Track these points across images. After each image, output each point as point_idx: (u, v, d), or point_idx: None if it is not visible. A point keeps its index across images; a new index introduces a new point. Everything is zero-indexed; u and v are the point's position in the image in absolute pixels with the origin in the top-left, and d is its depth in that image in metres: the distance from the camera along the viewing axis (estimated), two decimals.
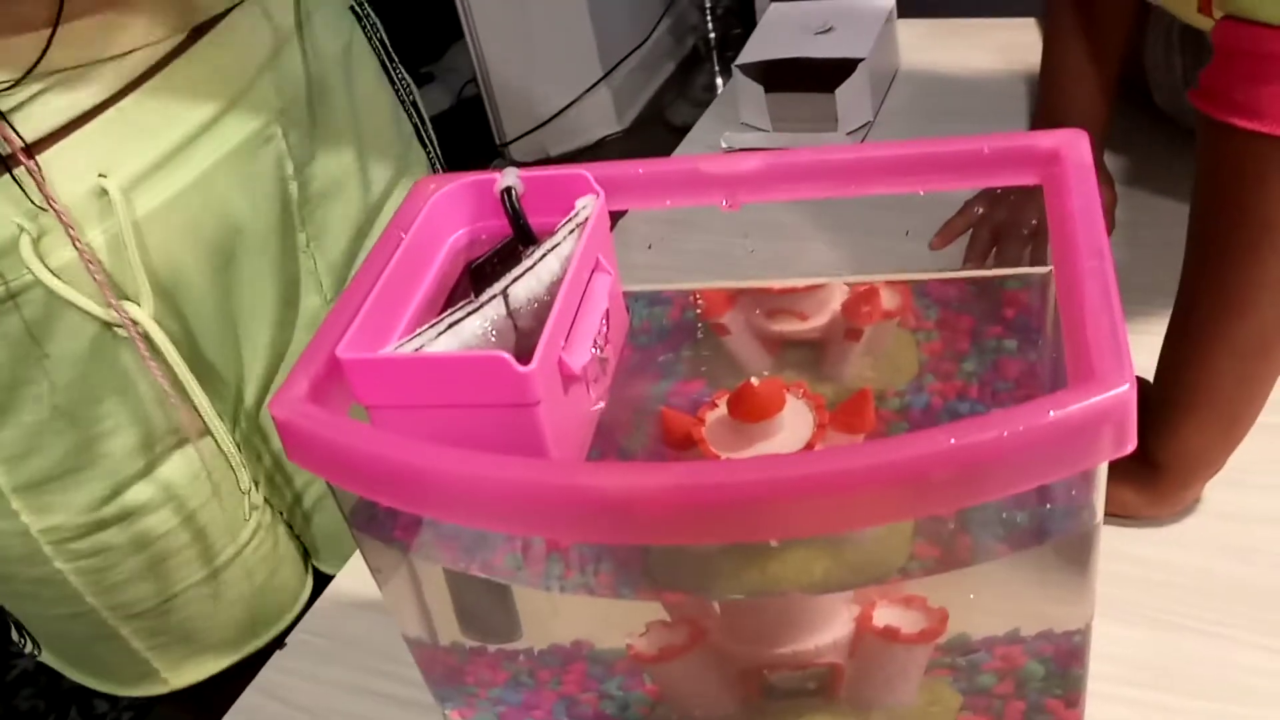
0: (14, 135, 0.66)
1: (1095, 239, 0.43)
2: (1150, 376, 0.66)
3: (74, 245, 0.69)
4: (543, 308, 0.47)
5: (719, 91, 2.92)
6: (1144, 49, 0.96)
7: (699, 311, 0.61)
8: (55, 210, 0.67)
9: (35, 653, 0.92)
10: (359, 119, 0.88)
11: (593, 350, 0.48)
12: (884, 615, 0.49)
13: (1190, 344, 0.63)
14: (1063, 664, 0.49)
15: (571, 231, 0.49)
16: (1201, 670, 0.60)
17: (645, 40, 2.95)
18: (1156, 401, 0.65)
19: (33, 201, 0.67)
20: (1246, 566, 0.65)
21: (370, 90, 0.90)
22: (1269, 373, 0.62)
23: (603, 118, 2.89)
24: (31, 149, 0.67)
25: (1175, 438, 0.64)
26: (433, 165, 0.99)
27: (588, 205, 0.51)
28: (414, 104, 0.96)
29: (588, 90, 2.80)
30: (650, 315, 0.62)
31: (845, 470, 0.37)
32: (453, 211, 0.53)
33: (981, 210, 0.89)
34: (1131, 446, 0.38)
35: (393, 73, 0.92)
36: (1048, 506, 0.43)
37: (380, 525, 0.48)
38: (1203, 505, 0.68)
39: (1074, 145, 0.49)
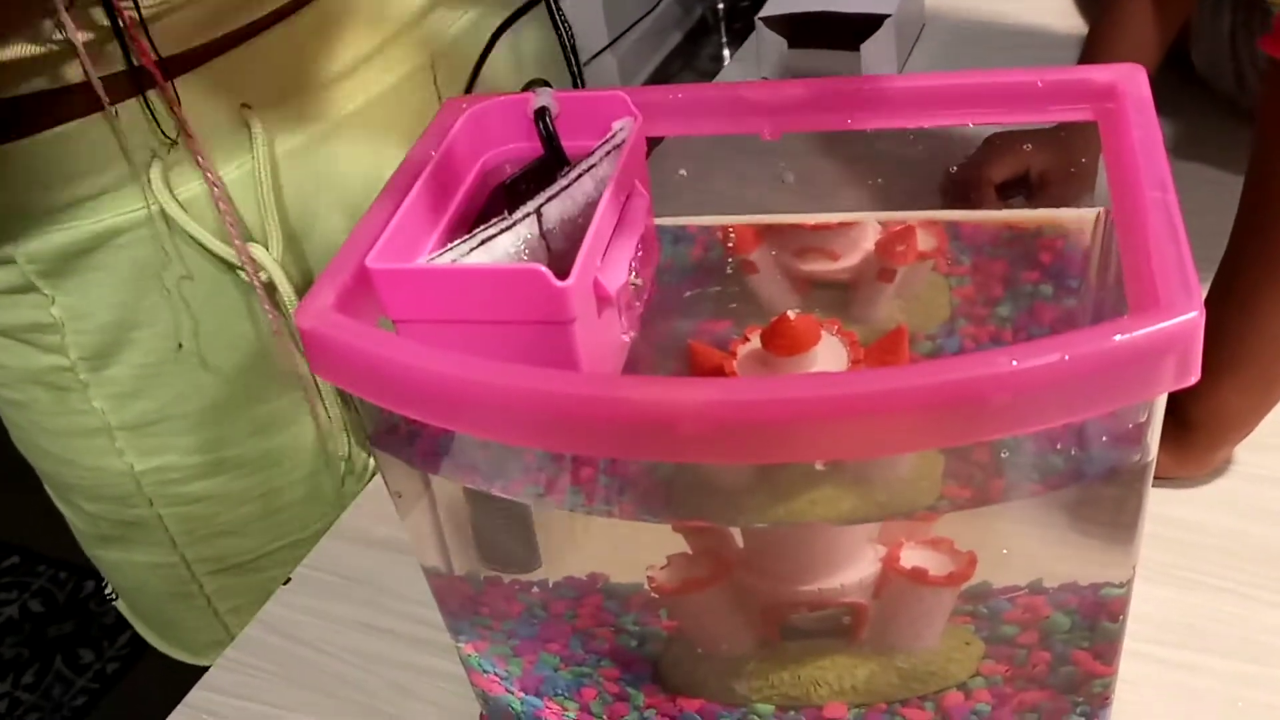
0: (150, 48, 0.62)
1: (1158, 171, 0.42)
2: None
3: (205, 178, 0.67)
4: (576, 229, 0.45)
5: (726, 63, 2.90)
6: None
7: (727, 248, 0.60)
8: (190, 138, 0.65)
9: (114, 597, 0.91)
10: (516, 68, 0.86)
11: (627, 274, 0.47)
12: (911, 556, 0.48)
13: (1235, 302, 0.62)
14: (1094, 616, 0.48)
15: (608, 153, 0.48)
16: (1228, 630, 0.60)
17: (652, 9, 2.92)
18: None
19: (163, 131, 0.65)
20: (1276, 529, 0.64)
21: (527, 40, 0.88)
22: None
23: (608, 87, 2.86)
24: (170, 68, 0.64)
25: (1212, 397, 0.63)
26: None
27: (625, 127, 0.49)
28: (572, 48, 0.93)
29: (593, 58, 2.78)
30: (675, 252, 0.60)
31: (895, 390, 0.35)
32: (484, 132, 0.52)
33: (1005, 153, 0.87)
34: (1195, 378, 0.37)
35: (556, 17, 0.89)
36: (1100, 439, 0.41)
37: (404, 446, 0.47)
38: (1233, 467, 0.67)
39: (1132, 79, 0.47)
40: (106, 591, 0.92)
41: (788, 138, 0.52)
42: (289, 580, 0.71)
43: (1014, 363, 0.35)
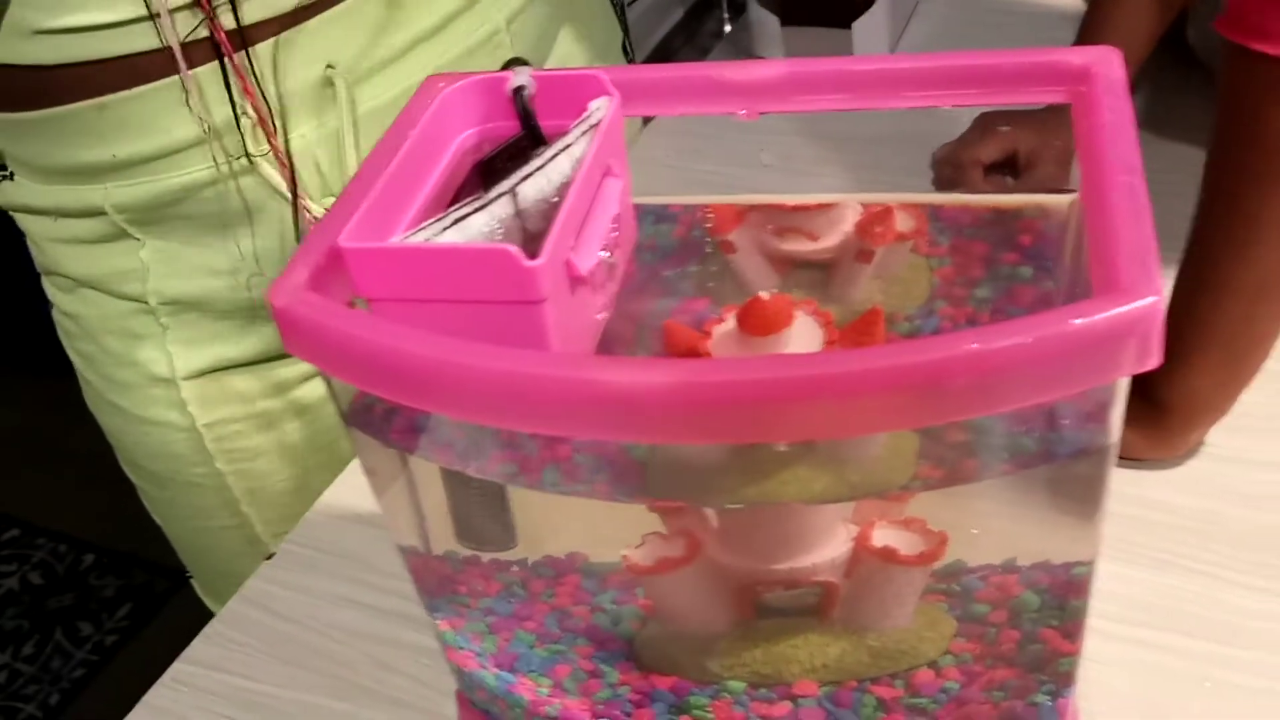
0: (233, 17, 0.66)
1: (1128, 155, 0.42)
2: None
3: (269, 144, 0.70)
4: (552, 209, 0.46)
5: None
6: None
7: (707, 227, 0.60)
8: (276, 97, 0.69)
9: (189, 575, 0.94)
10: (585, 31, 0.90)
11: (601, 254, 0.47)
12: (883, 536, 0.48)
13: (1201, 283, 0.62)
14: (1062, 595, 0.49)
15: (584, 133, 0.48)
16: (1198, 611, 0.60)
17: None
18: (1165, 342, 0.64)
19: (232, 100, 0.68)
20: (1248, 510, 0.64)
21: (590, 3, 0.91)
22: (1278, 315, 0.61)
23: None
24: (252, 34, 0.68)
25: (1181, 378, 0.63)
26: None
27: (602, 107, 0.49)
28: (622, 10, 0.97)
29: None
30: (656, 231, 0.61)
31: (860, 371, 0.35)
32: (462, 110, 0.52)
33: (993, 134, 0.87)
34: (1156, 361, 0.37)
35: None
36: (1064, 421, 0.42)
37: (378, 424, 0.47)
38: (1207, 449, 0.68)
39: (1106, 61, 0.47)
40: (188, 575, 0.94)
41: (780, 119, 0.52)
42: (272, 555, 0.71)
43: (974, 345, 0.35)
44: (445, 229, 0.44)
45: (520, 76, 0.50)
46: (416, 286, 0.43)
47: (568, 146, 0.47)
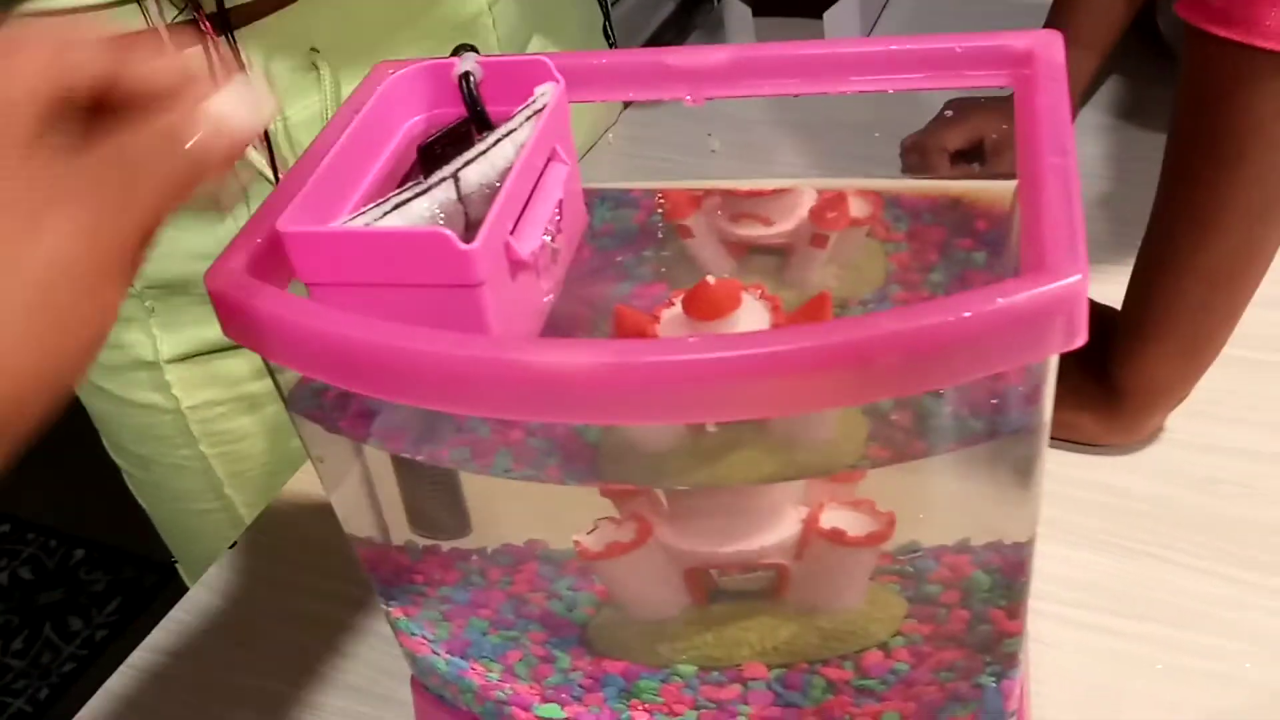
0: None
1: (1061, 137, 0.42)
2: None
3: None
4: (495, 195, 0.46)
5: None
6: None
7: (662, 213, 0.60)
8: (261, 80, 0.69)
9: (174, 561, 0.95)
10: (567, 15, 0.90)
11: (544, 238, 0.47)
12: (831, 518, 0.48)
13: (1158, 269, 0.62)
14: (1008, 575, 0.49)
15: (529, 118, 0.48)
16: (1155, 595, 0.60)
17: None
18: (1122, 327, 0.64)
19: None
20: (1206, 496, 0.64)
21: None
22: (1236, 301, 0.61)
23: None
24: (237, 17, 0.68)
25: (1139, 365, 0.63)
26: None
27: (546, 92, 0.50)
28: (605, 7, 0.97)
29: None
30: (615, 216, 0.61)
31: (783, 351, 0.36)
32: (409, 96, 0.52)
33: (961, 121, 0.87)
34: (1082, 340, 0.37)
35: None
36: (995, 401, 0.42)
37: (324, 409, 0.47)
38: (1165, 434, 0.68)
39: (1048, 45, 0.47)
40: (174, 561, 0.95)
41: (749, 105, 0.52)
42: (235, 545, 0.71)
43: (899, 324, 0.35)
44: (386, 213, 0.44)
45: (466, 62, 0.51)
46: (355, 271, 0.43)
47: (511, 132, 0.47)
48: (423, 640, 0.55)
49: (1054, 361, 0.40)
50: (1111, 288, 0.64)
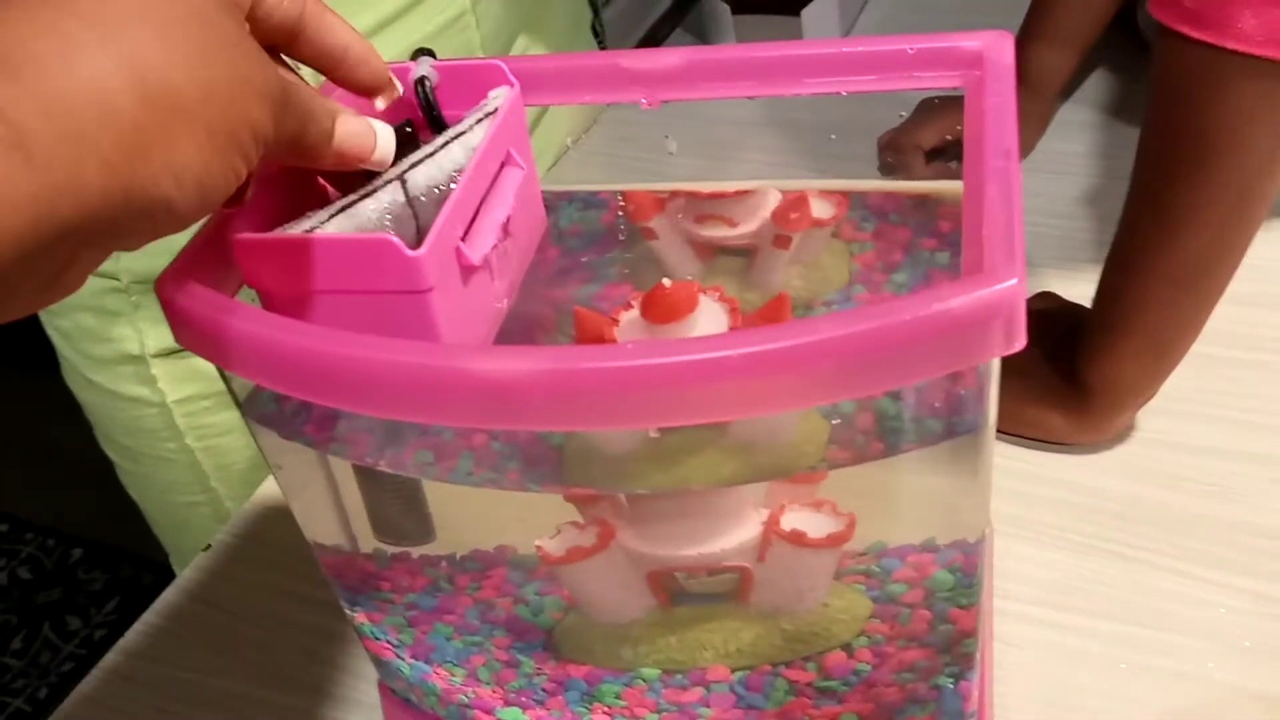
0: None
1: (1005, 140, 0.42)
2: None
3: None
4: (444, 197, 0.46)
5: None
6: None
7: (627, 215, 0.60)
8: None
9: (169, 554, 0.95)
10: (553, 12, 0.90)
11: (496, 243, 0.47)
12: (792, 519, 0.48)
13: (1127, 268, 0.62)
14: (965, 574, 0.49)
15: (480, 120, 0.48)
16: (1120, 594, 0.60)
17: None
18: (1091, 326, 0.64)
19: None
20: (1173, 494, 0.64)
21: None
22: (1204, 301, 0.61)
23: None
24: None
25: (1107, 364, 0.63)
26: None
27: (500, 96, 0.50)
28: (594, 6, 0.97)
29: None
30: (582, 217, 0.61)
31: (723, 358, 0.36)
32: (365, 100, 0.52)
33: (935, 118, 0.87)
34: (1021, 344, 0.37)
35: None
36: (944, 403, 0.42)
37: (278, 416, 0.48)
38: (1133, 432, 0.68)
39: (997, 47, 0.47)
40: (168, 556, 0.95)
41: (723, 106, 0.52)
42: (209, 547, 0.72)
43: (832, 330, 0.35)
44: (331, 217, 0.44)
45: (422, 67, 0.51)
46: (304, 277, 0.43)
47: (461, 134, 0.47)
48: (387, 645, 0.55)
49: (996, 364, 0.40)
50: (1093, 286, 0.64)
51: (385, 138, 0.44)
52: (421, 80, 0.50)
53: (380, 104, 0.47)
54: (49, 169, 0.28)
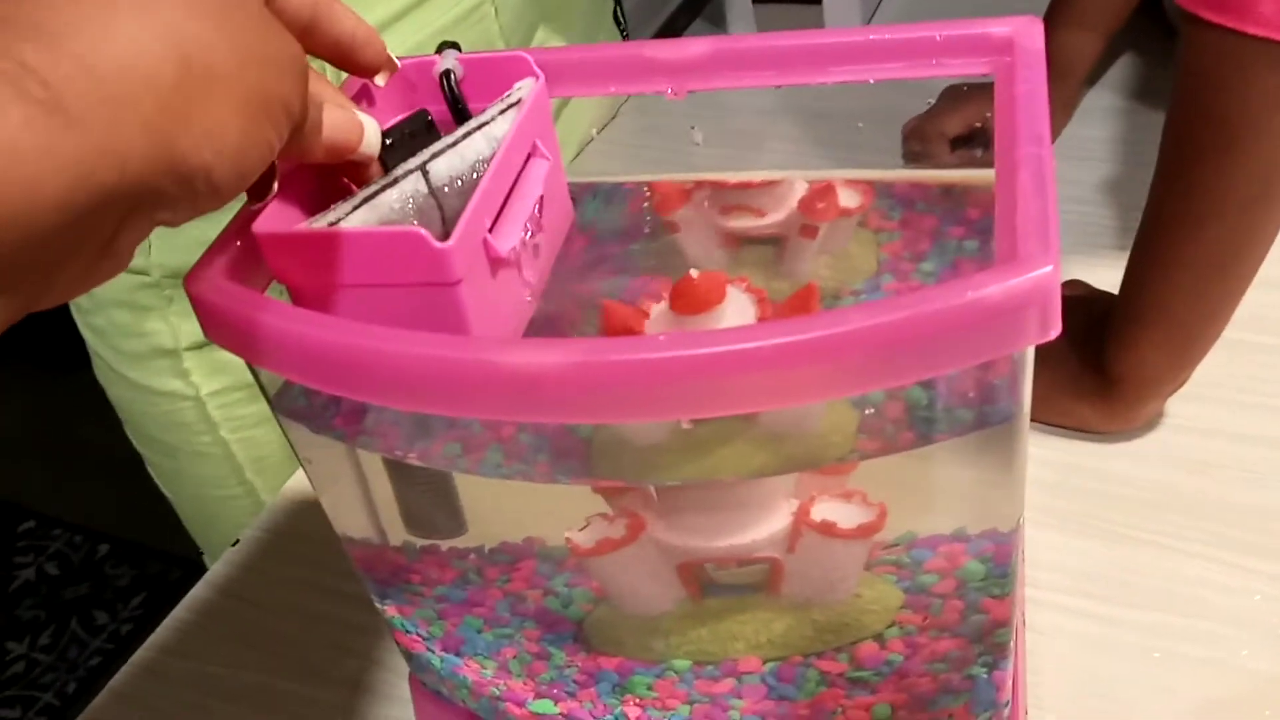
0: None
1: (1037, 126, 0.42)
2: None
3: None
4: (469, 188, 0.45)
5: None
6: None
7: (653, 206, 0.60)
8: None
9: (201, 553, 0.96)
10: (574, 2, 0.90)
11: (524, 235, 0.47)
12: (822, 510, 0.48)
13: (1153, 258, 0.62)
14: (999, 564, 0.49)
15: (503, 111, 0.48)
16: (1152, 582, 0.60)
17: None
18: (1118, 315, 0.64)
19: None
20: (1204, 480, 0.64)
21: None
22: (1231, 290, 0.60)
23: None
24: None
25: (1135, 353, 0.63)
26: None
27: (524, 87, 0.49)
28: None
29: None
30: (606, 210, 0.61)
31: (754, 349, 0.35)
32: (390, 94, 0.52)
33: (960, 106, 0.86)
34: (1056, 331, 0.37)
35: None
36: (977, 391, 0.41)
37: (309, 410, 0.48)
38: (1164, 419, 0.67)
39: (1028, 32, 0.47)
40: (200, 554, 0.96)
41: (747, 95, 0.52)
42: (237, 542, 0.72)
43: (864, 320, 0.35)
44: (355, 208, 0.44)
45: (447, 60, 0.50)
46: (332, 271, 0.43)
47: (483, 124, 0.47)
48: (417, 638, 0.55)
49: (1030, 352, 0.39)
50: (1118, 274, 0.64)
51: (371, 129, 0.44)
52: (447, 73, 0.50)
53: (380, 81, 0.47)
54: (89, 132, 0.28)
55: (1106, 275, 0.69)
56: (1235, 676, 0.55)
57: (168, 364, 0.81)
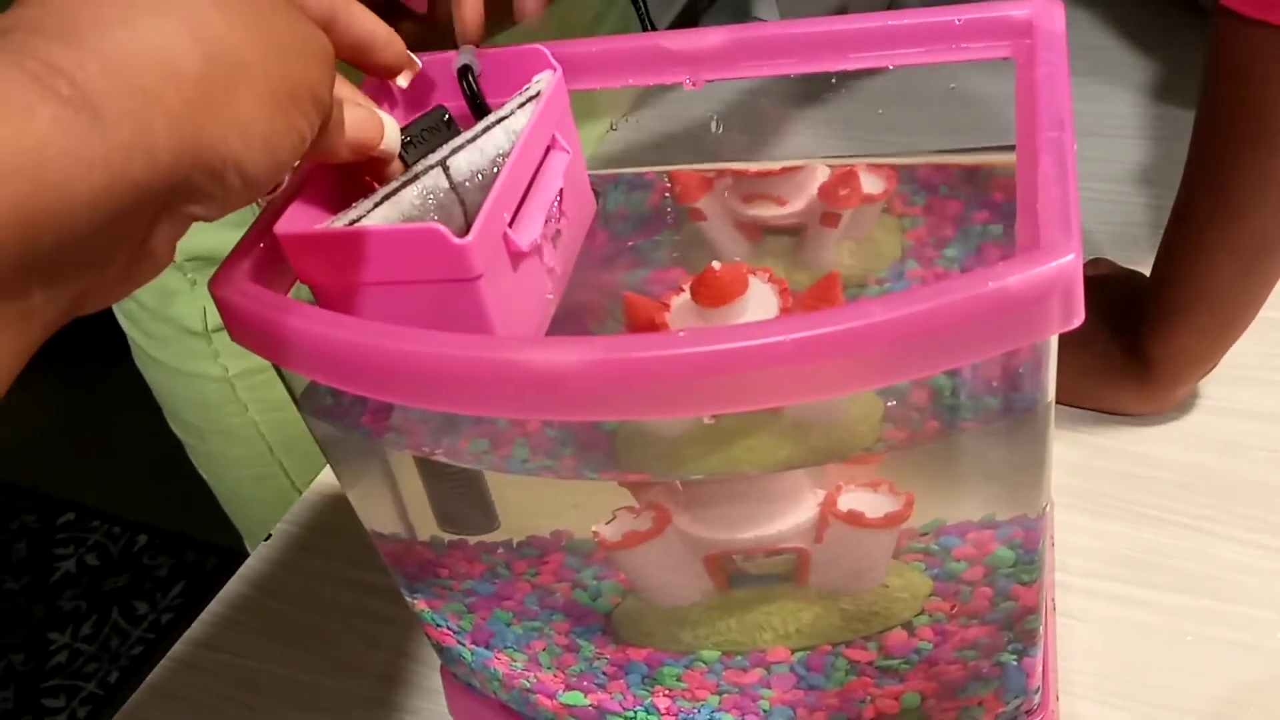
0: None
1: (1057, 110, 0.41)
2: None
3: None
4: (490, 182, 0.45)
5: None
6: None
7: (674, 196, 0.59)
8: None
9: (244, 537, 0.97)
10: None
11: (544, 229, 0.47)
12: (849, 499, 0.48)
13: (1188, 243, 0.61)
14: (1029, 550, 0.48)
15: (522, 105, 0.48)
16: (1185, 565, 0.59)
17: None
18: (1152, 301, 0.63)
19: None
20: (1235, 461, 0.63)
21: None
22: (1268, 274, 0.60)
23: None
24: None
25: (1170, 337, 0.62)
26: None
27: (542, 80, 0.49)
28: None
29: None
30: (628, 201, 0.61)
31: (777, 344, 0.35)
32: (408, 91, 0.52)
33: None
34: (1079, 319, 0.36)
35: None
36: (1002, 380, 0.41)
37: (336, 408, 0.48)
38: (1195, 400, 0.67)
39: (1047, 13, 0.46)
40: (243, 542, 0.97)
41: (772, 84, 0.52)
42: (269, 536, 0.72)
43: (884, 313, 0.35)
44: (376, 205, 0.44)
45: (465, 56, 0.50)
46: (354, 270, 0.43)
47: (503, 119, 0.47)
48: (448, 631, 0.55)
49: (1054, 340, 0.39)
50: (1145, 252, 0.63)
51: (391, 126, 0.44)
52: (465, 69, 0.50)
53: (403, 81, 0.47)
54: (117, 128, 0.28)
55: (1134, 253, 0.68)
56: (1268, 659, 0.55)
57: (196, 345, 0.83)
